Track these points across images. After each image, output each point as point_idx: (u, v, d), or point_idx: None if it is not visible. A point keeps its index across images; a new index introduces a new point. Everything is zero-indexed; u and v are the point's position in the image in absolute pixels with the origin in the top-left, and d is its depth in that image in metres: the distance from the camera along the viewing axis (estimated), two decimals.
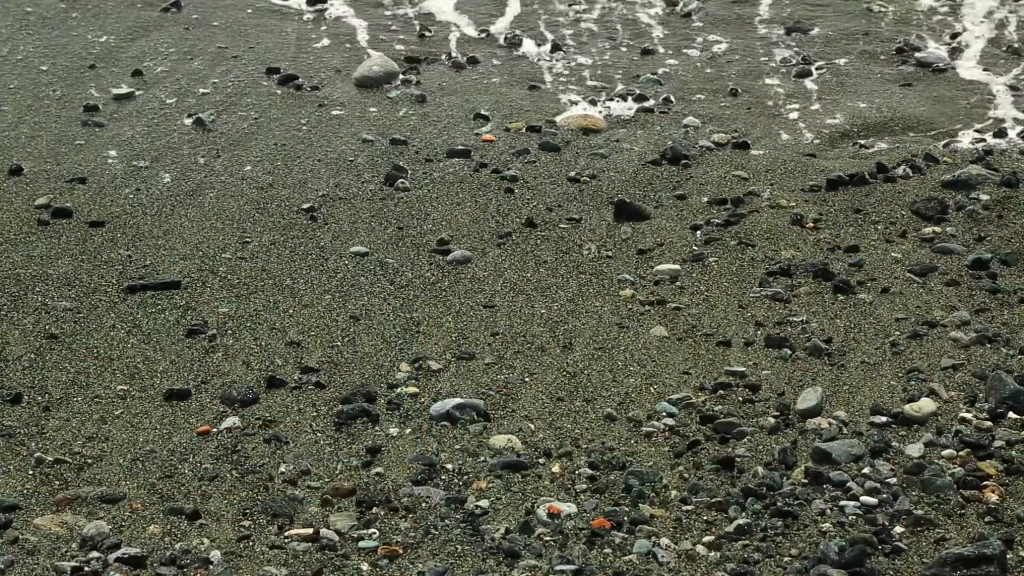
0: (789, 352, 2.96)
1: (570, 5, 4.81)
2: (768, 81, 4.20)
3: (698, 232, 3.37)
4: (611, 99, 4.14)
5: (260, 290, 3.22)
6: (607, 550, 2.41)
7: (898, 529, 2.45)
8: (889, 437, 2.69)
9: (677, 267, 3.26)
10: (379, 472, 2.61)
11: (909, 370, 2.89)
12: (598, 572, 2.36)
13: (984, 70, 4.27)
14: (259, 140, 3.93)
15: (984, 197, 3.51)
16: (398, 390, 2.86)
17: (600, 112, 4.08)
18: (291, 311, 3.14)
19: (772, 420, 2.73)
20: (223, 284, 3.24)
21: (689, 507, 2.51)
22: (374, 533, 2.46)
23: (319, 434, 2.73)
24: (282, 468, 2.63)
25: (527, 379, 2.89)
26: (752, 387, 2.84)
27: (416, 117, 4.05)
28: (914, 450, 2.65)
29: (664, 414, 2.76)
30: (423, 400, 2.83)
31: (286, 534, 2.46)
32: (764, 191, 3.59)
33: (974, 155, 3.72)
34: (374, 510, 2.52)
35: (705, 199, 3.57)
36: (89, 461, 2.66)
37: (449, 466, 2.63)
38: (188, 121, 4.03)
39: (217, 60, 4.46)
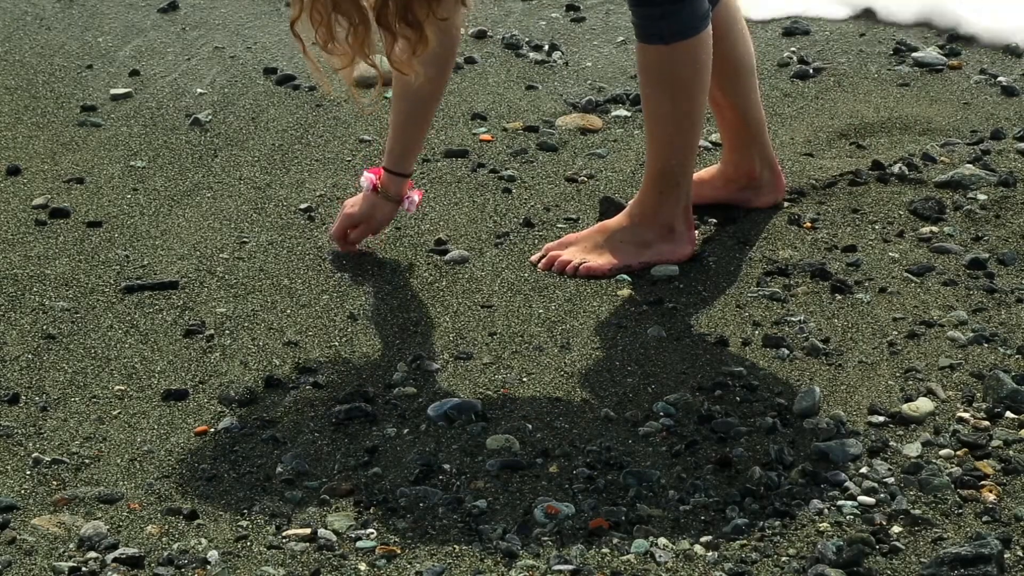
0: (787, 352, 2.96)
1: (569, 6, 4.81)
2: (766, 81, 4.20)
3: (696, 231, 3.36)
4: (609, 99, 4.13)
5: (258, 290, 3.22)
6: (605, 550, 2.41)
7: (896, 528, 2.45)
8: (887, 437, 2.69)
9: (675, 267, 3.26)
10: (377, 472, 2.61)
11: (907, 370, 2.89)
12: (596, 572, 2.36)
13: (981, 71, 4.27)
14: (256, 140, 3.93)
15: (982, 197, 3.51)
16: (396, 390, 2.86)
17: (598, 112, 4.07)
18: (289, 311, 3.14)
19: (770, 420, 2.73)
20: (220, 284, 3.24)
21: (687, 507, 2.52)
22: (372, 533, 2.46)
23: (317, 434, 2.73)
24: (279, 468, 2.63)
25: (525, 379, 2.89)
26: (749, 387, 2.84)
27: None
28: (912, 450, 2.65)
29: (661, 414, 2.76)
30: (421, 400, 2.83)
31: (284, 534, 2.47)
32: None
33: (971, 155, 3.72)
34: (372, 510, 2.52)
35: None
36: (87, 461, 2.67)
37: (447, 466, 2.63)
38: (185, 121, 4.03)
39: (214, 60, 4.46)
